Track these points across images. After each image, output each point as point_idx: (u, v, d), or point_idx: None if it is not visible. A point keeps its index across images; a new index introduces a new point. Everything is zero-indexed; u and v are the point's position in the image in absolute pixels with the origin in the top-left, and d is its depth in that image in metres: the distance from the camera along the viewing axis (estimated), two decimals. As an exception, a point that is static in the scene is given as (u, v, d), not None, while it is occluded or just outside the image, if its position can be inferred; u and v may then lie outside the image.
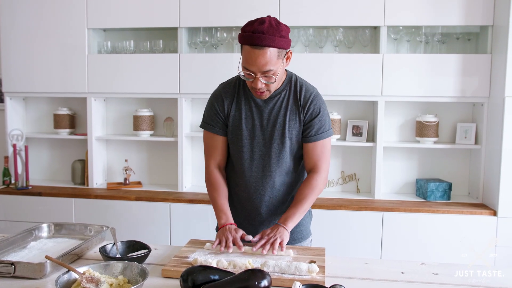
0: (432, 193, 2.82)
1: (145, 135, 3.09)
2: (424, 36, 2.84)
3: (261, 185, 1.73)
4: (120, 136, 3.16)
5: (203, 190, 2.67)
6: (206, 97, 1.93)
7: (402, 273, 1.43)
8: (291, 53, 1.62)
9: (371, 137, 2.97)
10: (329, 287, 1.21)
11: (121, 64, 2.98)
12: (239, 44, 1.58)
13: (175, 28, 2.92)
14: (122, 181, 3.19)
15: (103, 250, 1.49)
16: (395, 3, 2.72)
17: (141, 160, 3.26)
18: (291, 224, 1.62)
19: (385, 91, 2.78)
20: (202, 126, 1.78)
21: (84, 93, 3.03)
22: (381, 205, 2.73)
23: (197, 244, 1.62)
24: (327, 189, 3.08)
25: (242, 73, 1.59)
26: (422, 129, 2.85)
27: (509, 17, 2.50)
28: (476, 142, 2.83)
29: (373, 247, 2.69)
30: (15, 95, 3.15)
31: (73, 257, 1.51)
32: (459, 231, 2.62)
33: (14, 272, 1.34)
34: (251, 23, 1.54)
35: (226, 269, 1.34)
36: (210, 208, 2.15)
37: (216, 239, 1.61)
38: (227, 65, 2.83)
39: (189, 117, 3.10)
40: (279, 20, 1.57)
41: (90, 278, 1.24)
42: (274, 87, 1.63)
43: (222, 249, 1.55)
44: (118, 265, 1.33)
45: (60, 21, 2.99)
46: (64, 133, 3.18)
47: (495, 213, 2.61)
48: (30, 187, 3.05)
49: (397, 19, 2.74)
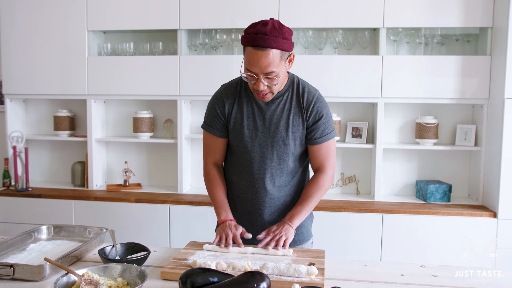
0: (432, 195, 2.81)
1: (145, 137, 3.09)
2: (423, 37, 2.85)
3: (263, 186, 1.73)
4: (120, 138, 3.16)
5: (203, 192, 2.67)
6: (206, 99, 1.93)
7: (401, 275, 1.43)
8: (294, 55, 1.62)
9: (371, 139, 2.97)
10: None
11: (121, 66, 2.98)
12: (241, 46, 1.58)
13: (175, 30, 2.93)
14: (122, 183, 3.19)
15: (102, 252, 1.49)
16: (394, 5, 2.73)
17: (141, 162, 3.26)
18: (297, 221, 1.65)
19: (384, 92, 2.78)
20: (202, 126, 1.80)
21: (84, 95, 3.04)
22: (381, 207, 2.73)
23: (196, 246, 1.62)
24: (327, 191, 3.08)
25: (244, 75, 1.59)
26: (421, 131, 2.85)
27: (509, 19, 2.50)
28: (476, 143, 2.83)
29: (373, 249, 2.68)
30: (15, 97, 3.16)
31: (72, 259, 1.51)
32: (459, 233, 2.62)
33: (13, 274, 1.35)
34: (254, 25, 1.55)
35: (225, 271, 1.34)
36: (210, 210, 2.14)
37: (216, 236, 1.63)
38: (226, 67, 2.83)
39: (189, 119, 3.11)
40: (281, 22, 1.57)
41: (89, 280, 1.24)
42: (276, 89, 1.63)
43: (222, 246, 1.57)
44: (117, 267, 1.33)
45: (60, 23, 3.00)
46: (64, 135, 3.18)
47: (495, 215, 2.61)
48: (30, 189, 3.05)
49: (397, 20, 2.74)
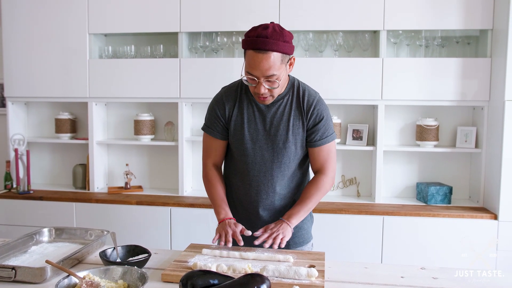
0: (432, 197, 2.81)
1: (146, 139, 3.10)
2: (424, 40, 2.85)
3: (262, 189, 1.74)
4: (121, 140, 3.17)
5: (204, 194, 2.67)
6: (206, 101, 1.94)
7: (401, 277, 1.43)
8: (294, 59, 1.63)
9: (371, 141, 2.97)
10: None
11: (122, 68, 2.99)
12: (242, 49, 1.59)
13: (176, 33, 2.94)
14: (123, 185, 3.20)
15: (103, 254, 1.50)
16: (394, 7, 2.73)
17: (141, 164, 3.27)
18: (295, 221, 1.65)
19: (385, 95, 2.78)
20: (203, 128, 1.80)
21: (85, 97, 3.05)
22: (382, 209, 2.73)
23: (197, 248, 1.63)
24: (327, 193, 3.08)
25: (245, 78, 1.60)
26: (422, 133, 2.86)
27: (509, 21, 2.50)
28: (476, 145, 2.83)
29: (373, 251, 2.68)
30: (17, 99, 3.17)
31: (74, 262, 1.51)
32: (460, 235, 2.62)
33: (15, 276, 1.35)
34: (254, 29, 1.55)
35: (225, 274, 1.34)
36: (210, 212, 2.15)
37: (216, 234, 1.63)
38: (227, 69, 2.84)
39: (190, 122, 3.11)
40: (281, 26, 1.58)
41: (90, 282, 1.25)
42: (277, 92, 1.63)
43: (222, 243, 1.58)
44: (118, 270, 1.34)
45: (61, 26, 3.01)
46: (65, 138, 3.19)
47: (496, 217, 2.61)
48: (31, 192, 3.06)
49: (397, 23, 2.75)
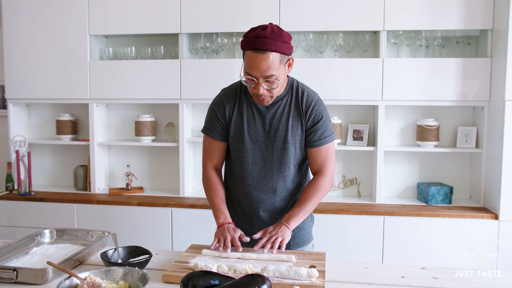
0: (433, 197, 2.82)
1: (147, 140, 3.10)
2: (424, 40, 2.85)
3: (263, 190, 1.74)
4: (122, 141, 3.18)
5: (205, 195, 2.68)
6: (207, 102, 1.94)
7: (402, 277, 1.43)
8: (293, 60, 1.63)
9: (372, 142, 2.97)
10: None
11: (122, 70, 3.00)
12: (241, 50, 1.59)
13: (176, 34, 2.94)
14: (124, 186, 3.21)
15: (104, 255, 1.50)
16: (394, 8, 2.74)
17: (142, 165, 3.28)
18: (294, 223, 1.64)
19: (385, 95, 2.79)
20: (203, 130, 1.80)
21: (86, 99, 3.05)
22: (382, 209, 2.73)
23: (198, 249, 1.63)
24: (328, 193, 3.08)
25: (244, 79, 1.60)
26: (422, 133, 2.86)
27: (509, 21, 2.50)
28: (477, 145, 2.84)
29: (374, 251, 2.69)
30: (18, 101, 3.18)
31: (75, 263, 1.52)
32: (460, 235, 2.62)
33: (16, 278, 1.36)
34: (253, 29, 1.56)
35: (226, 274, 1.35)
36: (211, 213, 2.14)
37: (214, 239, 1.62)
38: (228, 70, 2.84)
39: (190, 122, 3.12)
40: (280, 27, 1.58)
41: (91, 283, 1.25)
42: (276, 93, 1.63)
43: (220, 249, 1.56)
44: (119, 271, 1.34)
45: (62, 28, 3.02)
46: (66, 139, 3.20)
47: (496, 217, 2.61)
48: (32, 193, 3.07)
49: (397, 23, 2.76)
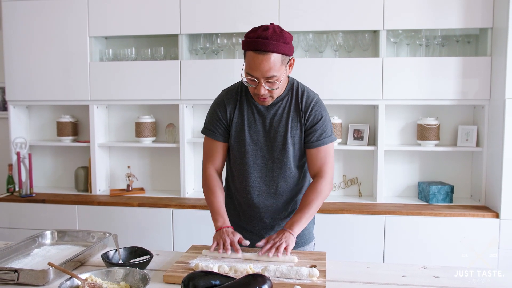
0: (434, 196, 2.81)
1: (147, 141, 3.11)
2: (424, 39, 2.85)
3: (264, 190, 1.74)
4: (122, 142, 3.18)
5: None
6: (207, 103, 1.94)
7: (403, 276, 1.43)
8: (294, 60, 1.63)
9: (372, 141, 2.97)
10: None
11: (122, 71, 3.00)
12: (242, 50, 1.59)
13: (176, 35, 2.95)
14: (125, 187, 3.21)
15: (105, 256, 1.50)
16: (394, 7, 2.74)
17: (143, 166, 3.28)
18: (297, 229, 1.61)
19: (385, 94, 2.79)
20: (203, 131, 1.79)
21: (86, 100, 3.06)
22: (383, 208, 2.73)
23: (199, 249, 1.63)
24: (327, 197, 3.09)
25: (245, 79, 1.60)
26: (423, 132, 2.86)
27: (508, 19, 2.50)
28: (477, 144, 2.83)
29: (375, 250, 2.68)
30: (19, 103, 3.18)
31: (76, 264, 1.52)
32: (462, 234, 2.62)
33: (17, 279, 1.36)
34: (254, 30, 1.55)
35: (227, 274, 1.35)
36: (212, 213, 2.14)
37: (213, 242, 1.60)
38: (228, 71, 2.85)
39: (191, 123, 3.12)
40: (281, 27, 1.58)
41: (92, 284, 1.25)
42: (276, 93, 1.63)
43: (220, 251, 1.54)
44: (120, 271, 1.35)
45: (62, 30, 3.03)
46: (67, 141, 3.21)
47: (497, 215, 2.61)
48: (34, 195, 3.07)
49: (397, 22, 2.75)
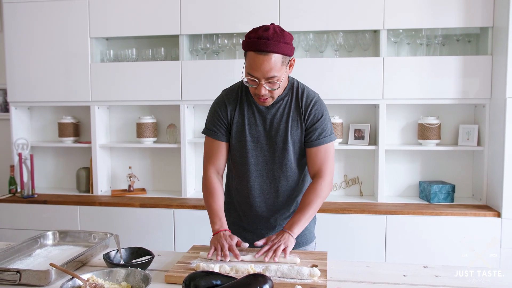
0: (435, 195, 2.81)
1: (149, 142, 3.11)
2: (424, 38, 2.85)
3: (265, 190, 1.74)
4: (123, 143, 3.19)
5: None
6: (208, 103, 1.94)
7: (404, 276, 1.43)
8: (294, 60, 1.63)
9: (373, 140, 2.97)
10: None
11: (123, 72, 3.01)
12: (243, 50, 1.59)
13: (177, 35, 2.95)
14: (126, 188, 3.22)
15: (107, 257, 1.51)
16: (394, 6, 2.74)
17: (144, 167, 3.28)
18: (297, 230, 1.60)
19: (386, 94, 2.79)
20: (204, 132, 1.78)
21: (87, 101, 3.06)
22: (385, 208, 2.73)
23: (200, 250, 1.63)
24: (330, 193, 3.09)
25: (245, 79, 1.60)
26: (424, 132, 2.85)
27: (509, 18, 2.50)
28: (478, 143, 2.83)
29: (377, 250, 2.68)
30: (20, 104, 3.19)
31: (78, 264, 1.52)
32: (463, 233, 2.61)
33: (19, 279, 1.37)
34: (255, 30, 1.55)
35: (228, 274, 1.35)
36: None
37: (210, 247, 1.56)
38: (228, 71, 2.85)
39: (192, 124, 3.12)
40: (282, 27, 1.58)
41: (93, 284, 1.26)
42: (277, 93, 1.63)
43: (218, 257, 1.51)
44: (121, 272, 1.35)
45: (63, 31, 3.03)
46: (68, 141, 3.21)
47: (499, 215, 2.60)
48: (35, 195, 3.08)
49: (397, 22, 2.75)
